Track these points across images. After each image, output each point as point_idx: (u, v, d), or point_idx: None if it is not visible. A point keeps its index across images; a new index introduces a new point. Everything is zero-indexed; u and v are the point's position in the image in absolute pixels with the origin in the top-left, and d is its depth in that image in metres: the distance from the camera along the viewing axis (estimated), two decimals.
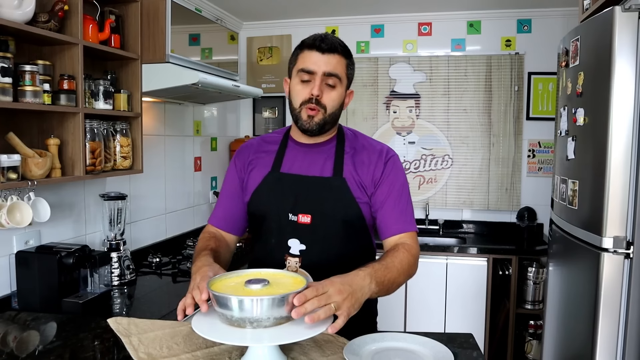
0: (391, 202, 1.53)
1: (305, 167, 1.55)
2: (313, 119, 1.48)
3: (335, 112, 1.51)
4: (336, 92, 1.48)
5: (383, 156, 1.57)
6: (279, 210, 1.53)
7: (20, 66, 1.87)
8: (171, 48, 2.54)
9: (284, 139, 1.62)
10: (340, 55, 1.48)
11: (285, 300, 1.09)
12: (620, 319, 1.92)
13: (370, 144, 1.61)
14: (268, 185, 1.56)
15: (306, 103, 1.47)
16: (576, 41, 2.15)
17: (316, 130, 1.50)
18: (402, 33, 3.90)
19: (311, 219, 1.50)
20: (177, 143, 3.29)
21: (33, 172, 1.90)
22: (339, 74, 1.47)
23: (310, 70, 1.46)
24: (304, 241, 1.51)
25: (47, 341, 1.59)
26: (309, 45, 1.48)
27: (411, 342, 1.29)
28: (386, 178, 1.54)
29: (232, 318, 1.10)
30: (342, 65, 1.48)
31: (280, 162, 1.57)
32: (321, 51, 1.46)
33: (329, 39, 1.47)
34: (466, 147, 3.84)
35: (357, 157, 1.56)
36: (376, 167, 1.54)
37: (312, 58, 1.46)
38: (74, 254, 2.05)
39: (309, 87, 1.47)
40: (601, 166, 1.92)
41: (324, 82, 1.47)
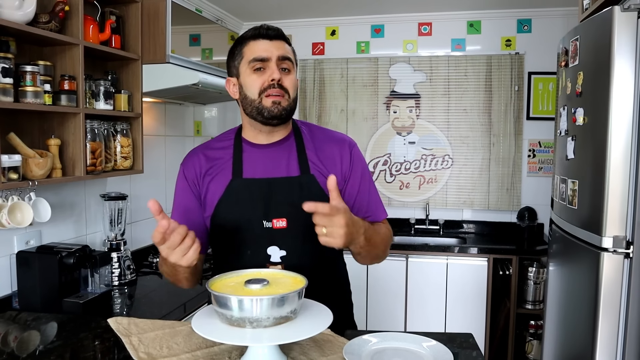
0: (363, 193, 1.51)
1: (269, 168, 1.46)
2: (280, 104, 1.39)
3: (295, 98, 1.44)
4: (292, 76, 1.43)
5: (347, 148, 1.52)
6: (251, 218, 1.43)
7: (21, 67, 1.88)
8: (171, 48, 2.55)
9: (236, 142, 1.51)
10: (286, 42, 1.45)
11: (285, 300, 1.09)
12: (620, 319, 1.92)
13: (330, 136, 1.55)
14: (233, 193, 1.45)
15: (266, 90, 1.38)
16: (575, 41, 2.15)
17: (284, 116, 1.41)
18: (402, 33, 3.91)
19: (287, 223, 1.42)
20: (177, 143, 3.29)
21: (34, 172, 1.91)
22: (291, 57, 1.43)
23: (263, 58, 1.39)
24: (283, 247, 1.43)
25: (47, 341, 1.59)
26: (254, 35, 1.42)
27: (411, 342, 1.29)
28: (354, 170, 1.51)
29: (231, 318, 1.10)
30: (290, 52, 1.44)
31: (240, 167, 1.46)
32: (269, 38, 1.41)
33: (272, 27, 1.43)
34: (466, 147, 3.84)
35: (320, 151, 1.49)
36: (342, 160, 1.50)
37: (261, 46, 1.40)
38: (75, 254, 2.05)
39: (265, 74, 1.39)
40: (601, 166, 1.92)
41: (279, 67, 1.40)
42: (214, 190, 1.47)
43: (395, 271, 3.45)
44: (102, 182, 2.59)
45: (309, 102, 4.04)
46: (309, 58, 4.03)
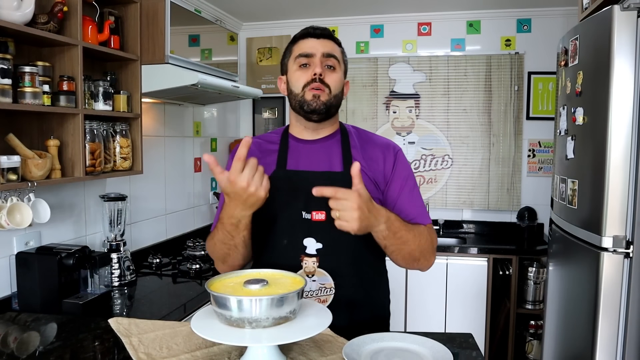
0: (405, 197, 1.51)
1: (313, 162, 1.50)
2: (319, 97, 1.43)
3: (338, 95, 1.48)
4: (337, 74, 1.47)
5: (391, 151, 1.54)
6: (291, 209, 1.46)
7: (19, 67, 1.87)
8: (171, 49, 2.55)
9: (284, 137, 1.57)
10: (334, 42, 1.49)
11: (284, 300, 1.09)
12: (620, 319, 1.91)
13: (376, 139, 1.58)
14: (275, 184, 1.45)
15: (309, 84, 1.44)
16: (575, 40, 2.15)
17: (323, 110, 1.45)
18: (401, 33, 3.90)
19: (326, 216, 1.42)
20: (176, 144, 3.29)
21: (33, 173, 1.90)
22: (337, 55, 1.47)
23: (308, 54, 1.45)
24: (320, 239, 1.45)
25: (47, 342, 1.59)
26: (303, 35, 1.49)
27: (410, 342, 1.28)
28: (397, 173, 1.51)
29: (230, 318, 1.10)
30: (337, 51, 1.49)
31: (284, 160, 1.51)
32: (316, 37, 1.47)
33: (322, 28, 1.50)
34: (466, 147, 3.84)
35: (365, 152, 1.52)
36: (386, 163, 1.51)
37: (308, 43, 1.47)
38: (74, 254, 2.05)
39: (309, 70, 1.45)
40: (601, 165, 1.92)
41: (324, 64, 1.45)
42: None
43: (395, 271, 3.41)
44: (101, 183, 2.59)
45: None
46: None
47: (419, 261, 1.47)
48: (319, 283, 1.46)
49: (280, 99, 4.11)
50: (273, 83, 4.10)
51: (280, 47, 4.06)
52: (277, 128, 1.64)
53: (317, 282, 1.46)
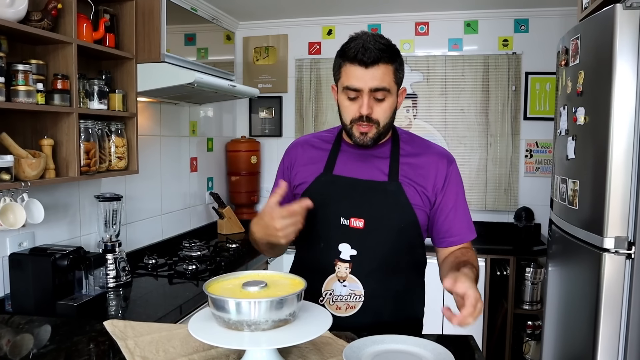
0: (454, 214, 1.50)
1: (359, 170, 1.49)
2: (367, 135, 1.42)
3: (389, 122, 1.45)
4: (386, 103, 1.41)
5: (445, 162, 1.51)
6: (330, 213, 1.48)
7: (13, 65, 1.84)
8: (167, 48, 2.52)
9: (337, 139, 1.56)
10: (387, 63, 1.38)
11: (284, 302, 1.07)
12: (621, 320, 1.90)
13: (429, 147, 1.55)
14: (320, 186, 1.50)
15: (357, 121, 1.41)
16: (576, 40, 2.14)
17: (371, 145, 1.44)
18: (399, 33, 3.88)
19: (364, 224, 1.45)
20: (173, 143, 3.27)
21: (26, 173, 1.87)
22: (386, 86, 1.38)
23: (355, 88, 1.38)
24: (355, 246, 1.46)
25: (41, 345, 1.56)
26: (351, 59, 1.38)
27: (411, 345, 1.27)
28: (450, 186, 1.50)
29: (229, 321, 1.07)
30: (389, 74, 1.38)
31: (333, 164, 1.52)
32: (364, 65, 1.36)
33: (371, 47, 1.35)
34: (463, 147, 3.83)
35: (415, 160, 1.50)
36: (438, 173, 1.49)
37: (355, 73, 1.37)
38: (69, 255, 2.02)
39: (357, 104, 1.40)
40: (602, 166, 1.91)
41: (372, 98, 1.39)
42: (304, 179, 1.55)
43: None
44: (96, 183, 2.56)
45: (305, 102, 4.01)
46: (305, 58, 4.01)
47: None
48: (350, 289, 1.47)
49: (277, 98, 4.09)
50: (270, 82, 4.08)
51: (277, 47, 4.05)
52: (335, 126, 1.63)
53: (348, 288, 1.47)
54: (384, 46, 1.38)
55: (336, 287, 1.48)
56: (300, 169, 1.57)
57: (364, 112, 1.38)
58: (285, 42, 4.03)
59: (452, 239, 1.53)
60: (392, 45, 1.41)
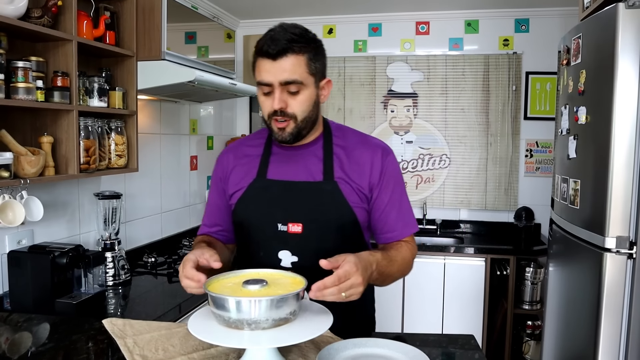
0: (394, 206, 1.45)
1: (293, 171, 1.43)
2: (285, 130, 1.36)
3: (308, 116, 1.37)
4: (302, 96, 1.33)
5: (379, 155, 1.45)
6: (267, 220, 1.41)
7: (12, 62, 1.84)
8: (167, 46, 2.51)
9: (268, 142, 1.50)
10: (297, 53, 1.30)
11: (284, 301, 1.06)
12: (622, 320, 1.90)
13: (364, 141, 1.49)
14: (253, 193, 1.44)
15: (272, 115, 1.35)
16: (578, 39, 2.13)
17: (290, 140, 1.38)
18: (399, 32, 3.88)
19: (302, 228, 1.39)
20: (172, 142, 3.26)
21: (26, 170, 1.87)
22: (297, 78, 1.30)
23: (266, 83, 1.32)
24: (295, 252, 1.40)
25: (39, 343, 1.56)
26: (259, 52, 1.32)
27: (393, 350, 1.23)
28: (385, 180, 1.44)
29: (229, 319, 1.07)
30: (300, 65, 1.31)
31: (265, 168, 1.46)
32: (271, 57, 1.29)
33: (279, 37, 1.29)
34: (464, 146, 3.83)
35: (349, 156, 1.44)
36: (373, 168, 1.43)
37: (265, 67, 1.31)
38: (68, 253, 2.01)
39: (271, 99, 1.33)
40: (603, 165, 1.90)
41: (285, 91, 1.32)
42: (237, 187, 1.48)
43: None
44: (96, 181, 2.55)
45: None
46: None
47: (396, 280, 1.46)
48: None
49: None
50: None
51: None
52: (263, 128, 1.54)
53: None
54: (295, 36, 1.30)
55: None
56: (233, 177, 1.50)
57: (276, 107, 1.32)
58: None
59: (389, 235, 1.47)
60: (305, 35, 1.33)
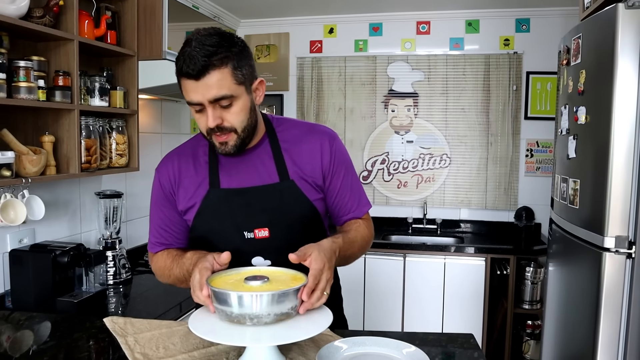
0: (345, 190, 1.47)
1: (246, 177, 1.39)
2: (227, 144, 1.32)
3: (248, 124, 1.33)
4: (236, 107, 1.28)
5: (327, 141, 1.44)
6: (232, 230, 1.38)
7: (14, 62, 1.84)
8: (168, 46, 2.52)
9: (212, 148, 1.42)
10: (219, 67, 1.22)
11: (285, 296, 1.08)
12: (621, 320, 1.90)
13: (308, 129, 1.47)
14: (211, 205, 1.39)
15: (211, 132, 1.30)
16: (578, 39, 2.13)
17: (236, 151, 1.34)
18: (400, 32, 3.88)
19: (269, 232, 1.37)
20: (173, 141, 3.26)
21: (27, 169, 1.87)
22: (226, 93, 1.24)
23: (195, 103, 1.26)
24: (267, 256, 1.38)
25: (41, 341, 1.56)
26: (180, 72, 1.25)
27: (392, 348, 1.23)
28: (336, 165, 1.45)
29: (231, 314, 1.08)
30: (226, 78, 1.24)
31: (216, 178, 1.40)
32: (193, 78, 1.22)
33: (196, 55, 1.20)
34: (464, 146, 3.83)
35: (298, 150, 1.42)
36: (323, 156, 1.43)
37: (190, 87, 1.24)
38: (69, 252, 2.02)
39: (205, 116, 1.28)
40: (603, 165, 1.90)
41: (217, 107, 1.26)
42: (190, 202, 1.42)
43: (393, 271, 3.43)
44: (97, 180, 2.56)
45: (306, 101, 4.01)
46: (306, 56, 4.00)
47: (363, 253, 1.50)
48: None
49: (278, 96, 4.08)
50: (271, 81, 4.07)
51: (279, 45, 4.04)
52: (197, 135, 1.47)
53: None
54: (212, 48, 1.22)
55: None
56: (182, 192, 1.43)
57: (211, 125, 1.27)
58: (286, 41, 4.03)
59: (346, 217, 1.50)
60: (222, 43, 1.24)
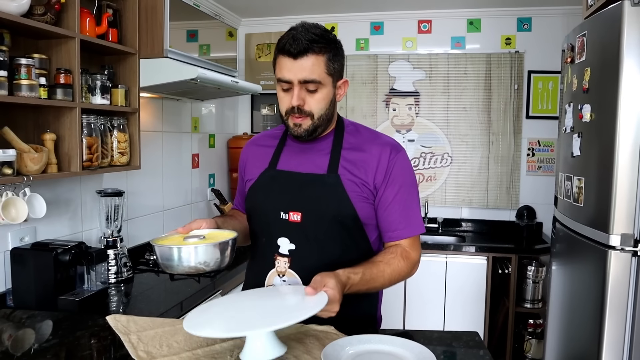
0: (398, 204, 1.45)
1: (301, 163, 1.48)
2: (301, 126, 1.41)
3: (324, 114, 1.42)
4: (320, 94, 1.39)
5: (387, 152, 1.45)
6: (271, 207, 1.47)
7: (15, 59, 1.83)
8: (169, 44, 2.51)
9: (284, 135, 1.56)
10: (317, 54, 1.35)
11: (216, 246, 1.27)
12: (627, 318, 1.89)
13: (374, 138, 1.50)
14: (263, 182, 1.51)
15: (290, 112, 1.40)
16: (582, 37, 2.12)
17: (305, 136, 1.43)
18: (401, 31, 3.88)
19: (301, 217, 1.42)
20: (174, 140, 3.25)
21: (28, 167, 1.86)
22: (316, 78, 1.36)
23: (285, 80, 1.37)
24: (293, 240, 1.44)
25: (43, 339, 1.55)
26: (281, 50, 1.37)
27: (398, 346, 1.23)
28: (392, 177, 1.44)
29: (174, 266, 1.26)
30: (320, 65, 1.36)
31: (277, 159, 1.52)
32: (292, 56, 1.34)
33: (300, 37, 1.33)
34: (465, 145, 3.82)
35: (357, 153, 1.46)
36: (379, 165, 1.44)
37: (285, 65, 1.36)
38: (70, 250, 2.01)
39: (289, 96, 1.39)
40: (608, 162, 1.90)
41: (303, 89, 1.37)
42: (251, 176, 1.57)
43: None
44: (98, 178, 2.55)
45: None
46: None
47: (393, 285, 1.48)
48: (289, 284, 1.45)
49: None
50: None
51: None
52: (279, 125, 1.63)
53: (287, 283, 1.45)
54: (316, 36, 1.35)
55: (276, 282, 1.46)
56: (250, 166, 1.59)
57: (294, 104, 1.38)
58: None
59: (391, 234, 1.47)
60: (325, 35, 1.37)
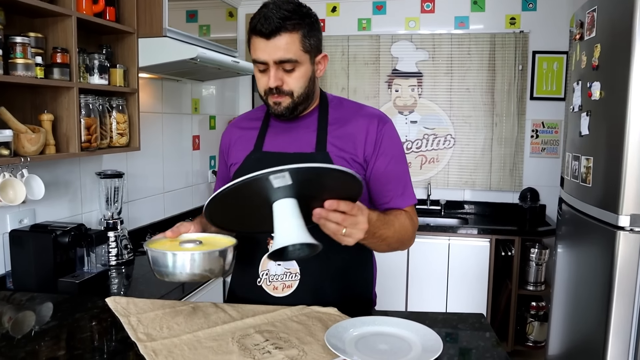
0: (390, 176, 1.43)
1: (287, 143, 1.45)
2: (280, 104, 1.39)
3: (304, 92, 1.39)
4: (298, 72, 1.36)
5: (375, 123, 1.43)
6: None
7: (10, 38, 1.79)
8: (168, 23, 2.45)
9: (267, 115, 1.52)
10: (290, 31, 1.31)
11: (222, 253, 1.24)
12: (635, 300, 1.87)
13: (359, 110, 1.48)
14: (249, 165, 1.45)
15: (269, 92, 1.38)
16: (593, 12, 2.07)
17: (287, 114, 1.40)
18: (404, 10, 3.82)
19: None
20: (175, 121, 3.21)
21: (26, 148, 1.83)
22: (292, 57, 1.32)
23: (261, 61, 1.34)
24: None
25: (43, 322, 1.54)
26: (253, 30, 1.32)
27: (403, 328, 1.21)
28: (382, 148, 1.42)
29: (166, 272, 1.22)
30: (295, 43, 1.32)
31: (262, 140, 1.48)
32: (265, 36, 1.30)
33: (272, 15, 1.29)
34: (469, 126, 3.78)
35: (344, 127, 1.44)
36: (368, 137, 1.42)
37: (259, 46, 1.32)
38: (70, 232, 1.99)
39: (267, 76, 1.36)
40: (618, 142, 1.86)
41: (280, 69, 1.34)
42: (235, 160, 1.52)
43: (397, 252, 3.40)
44: (97, 160, 2.51)
45: None
46: None
47: (396, 249, 1.46)
48: (284, 267, 1.43)
49: None
50: None
51: None
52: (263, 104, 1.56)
53: (282, 267, 1.43)
54: (288, 13, 1.30)
55: (271, 266, 1.43)
56: (234, 150, 1.54)
57: (272, 85, 1.35)
58: None
59: (386, 205, 1.45)
60: (298, 10, 1.33)
